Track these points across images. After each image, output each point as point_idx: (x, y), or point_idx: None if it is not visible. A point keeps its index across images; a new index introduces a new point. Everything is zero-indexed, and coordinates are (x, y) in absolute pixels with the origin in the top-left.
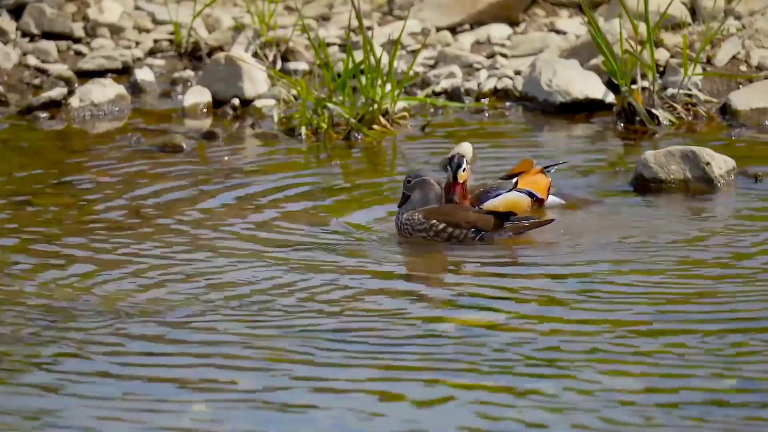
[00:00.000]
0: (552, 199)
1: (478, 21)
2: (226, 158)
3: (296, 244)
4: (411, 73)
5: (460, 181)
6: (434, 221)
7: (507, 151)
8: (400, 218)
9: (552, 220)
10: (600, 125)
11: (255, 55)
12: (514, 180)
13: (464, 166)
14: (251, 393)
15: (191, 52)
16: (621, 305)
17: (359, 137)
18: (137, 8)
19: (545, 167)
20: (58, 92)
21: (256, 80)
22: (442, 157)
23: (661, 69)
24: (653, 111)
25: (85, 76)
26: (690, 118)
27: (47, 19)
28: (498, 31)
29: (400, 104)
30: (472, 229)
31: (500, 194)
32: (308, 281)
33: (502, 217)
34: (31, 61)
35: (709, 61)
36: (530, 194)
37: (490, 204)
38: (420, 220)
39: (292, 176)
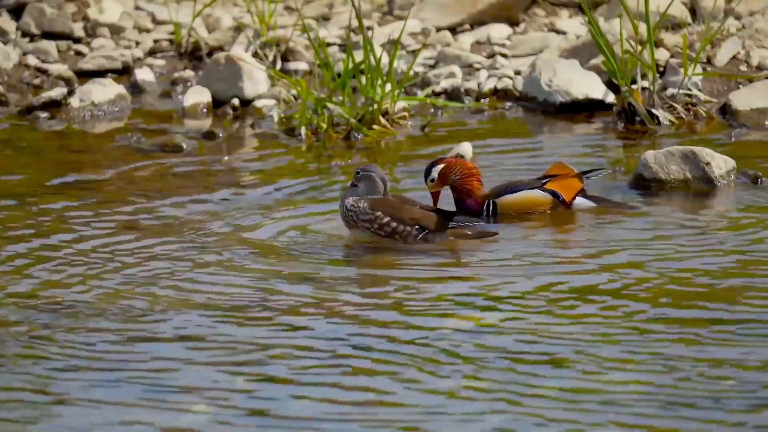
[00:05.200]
0: (581, 202)
1: (478, 21)
2: (226, 158)
3: (296, 243)
4: (411, 73)
5: (431, 191)
6: (379, 213)
7: (507, 150)
8: (345, 203)
9: (496, 233)
10: (600, 125)
11: (255, 55)
12: (544, 180)
13: (433, 176)
14: (252, 395)
15: (191, 52)
16: (621, 304)
17: (359, 137)
18: (137, 8)
19: (584, 172)
20: (58, 92)
21: (256, 80)
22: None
23: (661, 69)
24: (653, 111)
25: (85, 76)
26: (690, 118)
27: (47, 19)
28: (498, 31)
29: (400, 104)
30: (416, 227)
31: (520, 190)
32: (306, 282)
33: (448, 216)
34: (31, 61)
35: (709, 61)
36: (554, 194)
37: (506, 198)
38: (365, 210)
39: (292, 176)
